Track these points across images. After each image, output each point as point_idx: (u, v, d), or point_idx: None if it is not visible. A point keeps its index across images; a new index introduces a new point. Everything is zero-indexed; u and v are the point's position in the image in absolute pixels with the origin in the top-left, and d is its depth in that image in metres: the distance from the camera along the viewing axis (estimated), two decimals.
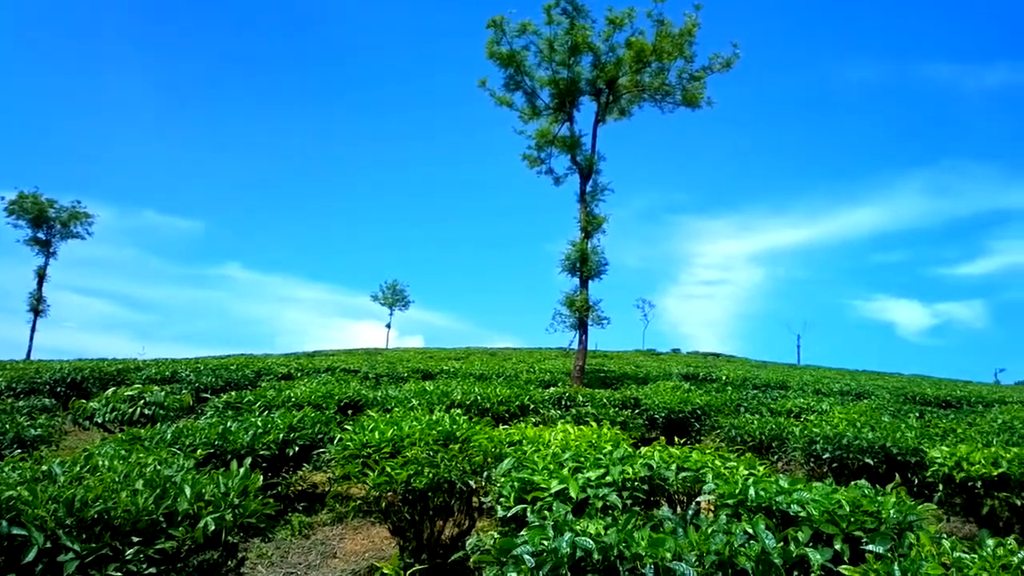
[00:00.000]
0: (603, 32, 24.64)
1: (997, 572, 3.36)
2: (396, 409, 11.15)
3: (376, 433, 7.40)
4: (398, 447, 7.06)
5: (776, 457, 11.35)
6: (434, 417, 8.24)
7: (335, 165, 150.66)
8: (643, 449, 6.82)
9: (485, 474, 6.53)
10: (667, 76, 25.05)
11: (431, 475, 6.28)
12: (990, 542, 3.83)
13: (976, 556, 3.69)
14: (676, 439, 8.96)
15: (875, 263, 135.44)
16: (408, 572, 5.02)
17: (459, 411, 9.50)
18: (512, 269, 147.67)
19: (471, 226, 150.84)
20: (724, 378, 25.51)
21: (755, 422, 12.40)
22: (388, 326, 79.70)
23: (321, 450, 8.74)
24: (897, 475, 8.64)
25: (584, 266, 24.24)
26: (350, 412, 12.37)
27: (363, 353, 43.09)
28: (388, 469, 6.37)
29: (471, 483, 6.46)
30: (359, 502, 6.69)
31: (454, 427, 7.70)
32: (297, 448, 8.87)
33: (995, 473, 8.28)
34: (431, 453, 6.72)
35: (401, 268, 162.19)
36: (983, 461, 8.43)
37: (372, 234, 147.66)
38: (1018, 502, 8.22)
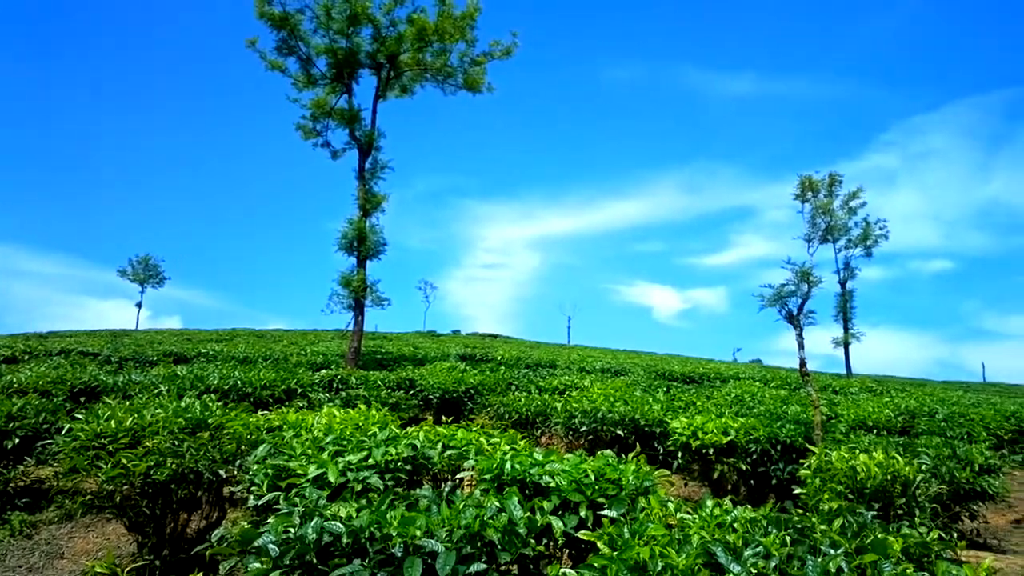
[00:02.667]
0: (384, 5, 24.11)
1: (712, 529, 3.71)
2: (140, 396, 10.18)
3: (113, 422, 6.68)
4: (139, 436, 6.43)
5: (540, 432, 11.91)
6: (183, 403, 7.61)
7: (77, 123, 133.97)
8: (409, 429, 6.79)
9: (238, 462, 6.12)
10: (449, 58, 25.09)
11: (174, 466, 5.77)
12: (709, 503, 4.24)
13: (697, 516, 4.06)
14: (445, 419, 9.05)
15: (636, 252, 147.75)
16: (127, 570, 4.53)
17: (214, 397, 8.86)
18: (287, 246, 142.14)
19: (240, 198, 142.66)
20: (499, 358, 26.43)
21: (522, 399, 12.92)
22: (139, 305, 71.94)
23: (48, 441, 7.76)
24: (639, 444, 9.39)
25: (362, 245, 23.71)
26: (84, 399, 11.10)
27: (108, 335, 38.88)
28: (124, 461, 5.75)
29: (221, 473, 6.02)
30: (90, 498, 5.97)
31: (206, 414, 7.16)
32: (17, 440, 7.92)
33: (724, 441, 9.29)
34: (176, 442, 6.18)
35: (155, 241, 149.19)
36: (715, 431, 9.42)
37: (121, 202, 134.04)
38: (743, 466, 9.31)
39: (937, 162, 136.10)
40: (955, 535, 7.91)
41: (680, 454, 9.63)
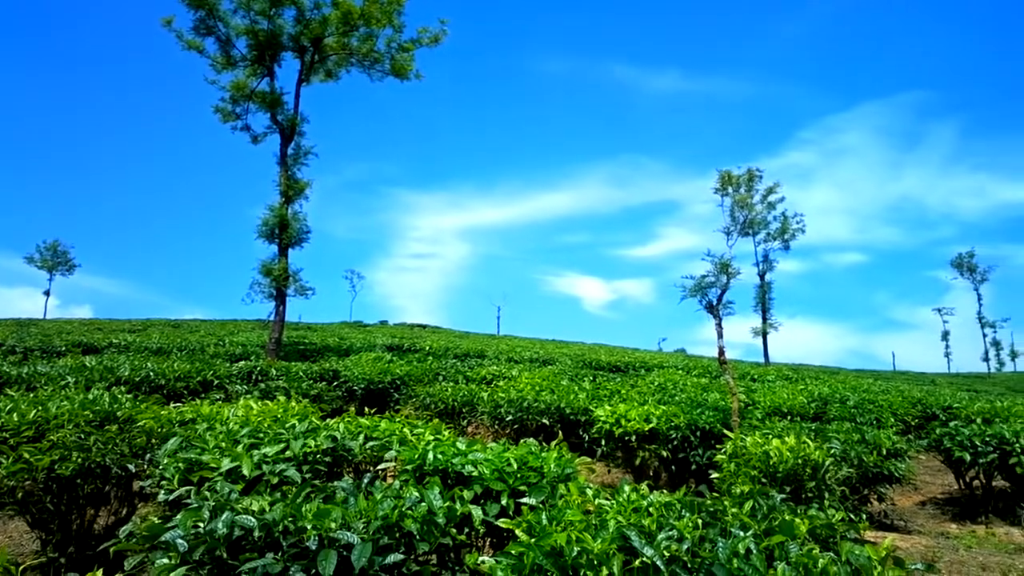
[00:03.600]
0: None
1: (629, 514, 3.75)
2: (46, 387, 9.68)
3: (15, 415, 6.36)
4: (43, 430, 6.13)
5: (467, 422, 11.90)
6: (91, 395, 7.27)
7: None
8: (330, 421, 6.68)
9: (148, 456, 5.88)
10: (376, 43, 24.66)
11: (80, 460, 5.50)
12: (627, 488, 4.30)
13: (614, 502, 4.11)
14: (368, 410, 8.93)
15: (565, 243, 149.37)
16: (22, 568, 4.30)
17: (124, 388, 8.50)
18: (205, 233, 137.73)
19: (157, 183, 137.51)
20: (428, 348, 26.26)
21: (449, 390, 12.87)
22: (47, 293, 68.91)
23: None
24: (563, 433, 9.49)
25: (284, 233, 23.12)
26: None
27: (13, 324, 36.92)
28: (26, 455, 5.45)
29: (131, 467, 5.77)
30: None
31: (115, 406, 6.87)
32: None
33: (647, 428, 9.46)
34: (83, 436, 5.89)
35: (65, 226, 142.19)
36: (638, 418, 9.58)
37: (28, 186, 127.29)
38: (664, 453, 9.51)
39: (852, 159, 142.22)
40: (863, 516, 8.28)
41: (604, 441, 9.78)
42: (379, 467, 5.87)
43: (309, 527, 3.65)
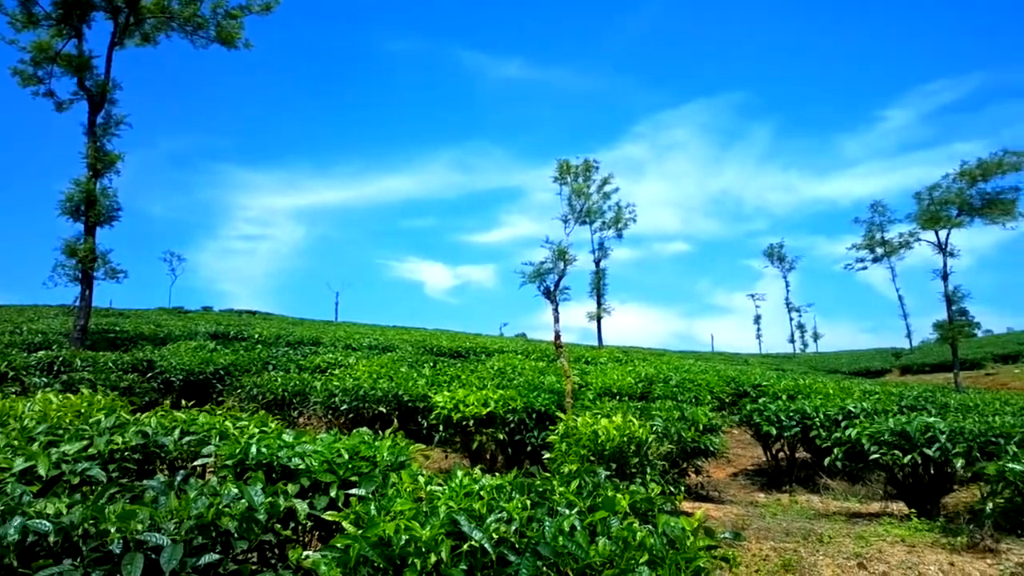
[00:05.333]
0: None
1: (460, 499, 3.72)
2: None
3: None
4: None
5: (298, 413, 11.47)
6: None
7: None
8: (142, 415, 6.17)
9: None
10: (199, 7, 22.99)
11: None
12: (459, 473, 4.27)
13: (447, 487, 4.06)
14: (186, 403, 8.35)
15: (408, 228, 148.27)
16: None
17: None
18: (3, 210, 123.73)
19: None
20: (257, 336, 25.02)
21: (279, 379, 12.35)
22: None
23: None
24: (398, 420, 9.38)
25: (91, 210, 21.12)
26: None
27: None
28: None
29: None
30: None
31: None
32: None
33: (484, 413, 9.52)
34: None
35: None
36: (476, 403, 9.62)
37: None
38: (501, 436, 9.62)
39: (679, 154, 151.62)
40: (682, 489, 8.83)
41: (442, 427, 9.74)
42: (195, 463, 5.49)
43: (113, 530, 3.33)
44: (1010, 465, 5.45)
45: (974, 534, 6.71)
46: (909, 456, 8.20)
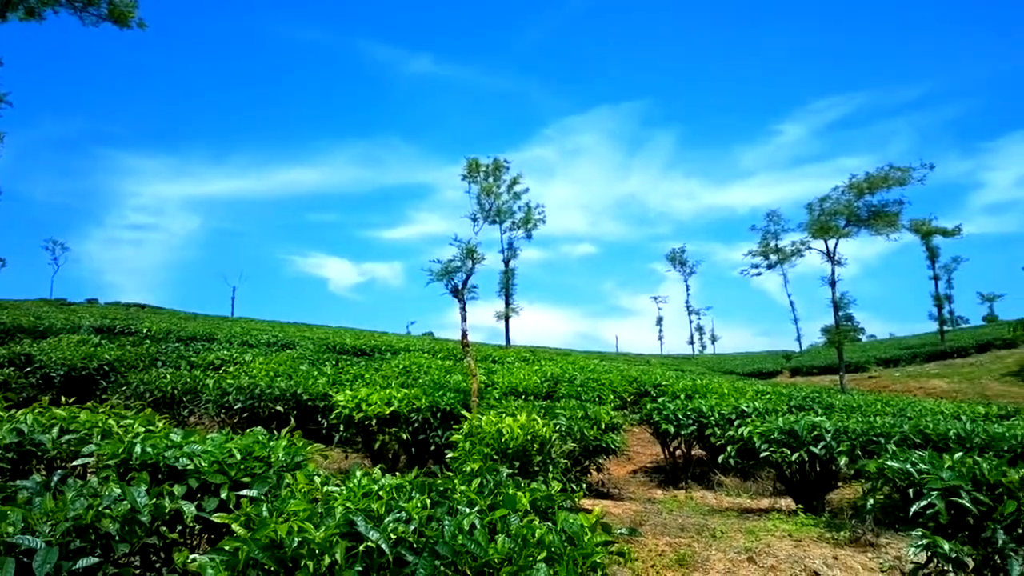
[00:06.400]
0: None
1: (358, 499, 3.62)
2: None
3: None
4: None
5: (188, 411, 10.97)
6: None
7: None
8: (17, 412, 5.76)
9: None
10: None
11: None
12: (358, 473, 4.16)
13: (344, 488, 3.95)
14: (65, 399, 7.84)
15: (312, 222, 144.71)
16: None
17: None
18: None
19: None
20: (146, 331, 23.73)
21: (168, 376, 11.78)
22: None
23: None
24: (294, 420, 9.11)
25: None
26: None
27: None
28: None
29: None
30: None
31: None
32: None
33: (387, 412, 9.38)
34: None
35: None
36: (379, 402, 9.46)
37: None
38: (404, 435, 9.49)
39: (587, 159, 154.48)
40: (584, 486, 8.95)
41: (343, 427, 9.53)
42: (75, 463, 5.14)
43: None
44: (889, 463, 5.76)
45: (856, 529, 7.10)
46: (797, 454, 8.60)
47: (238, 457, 4.69)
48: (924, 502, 4.55)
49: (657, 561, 6.00)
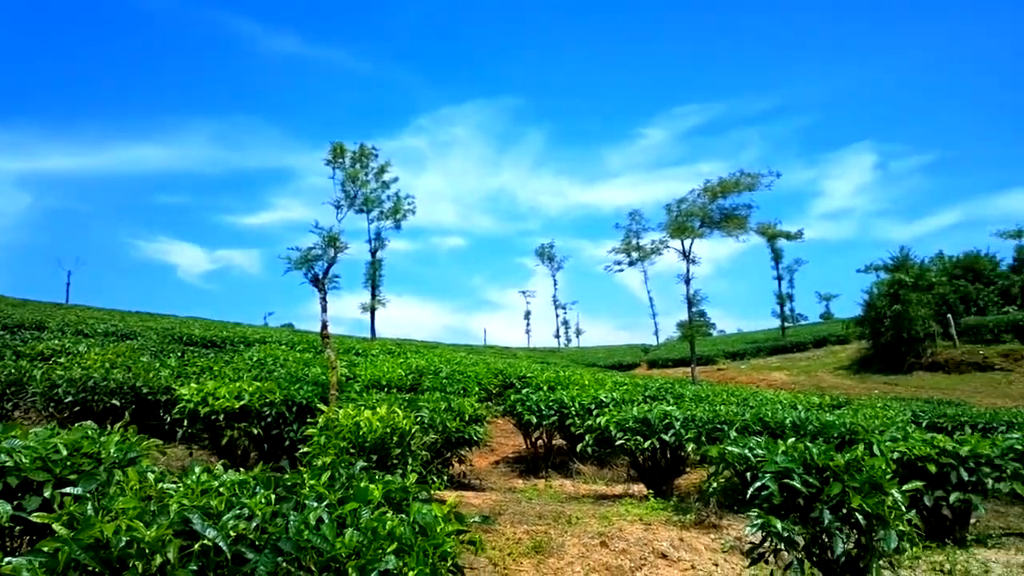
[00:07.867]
0: None
1: (196, 496, 3.40)
2: None
3: None
4: None
5: (12, 404, 10.02)
6: None
7: None
8: None
9: None
10: None
11: None
12: (197, 469, 3.91)
13: (181, 484, 3.70)
14: None
15: (158, 204, 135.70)
16: None
17: None
18: None
19: None
20: None
21: None
22: None
23: None
24: (130, 415, 8.51)
25: None
26: None
27: None
28: None
29: None
30: None
31: None
32: None
33: (237, 406, 8.91)
34: None
35: None
36: (228, 396, 8.97)
37: None
38: (255, 431, 9.06)
39: (459, 151, 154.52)
40: (445, 478, 8.92)
41: (187, 422, 8.96)
42: None
43: None
44: (730, 448, 6.11)
45: (700, 511, 7.49)
46: (649, 441, 8.97)
47: (64, 453, 4.31)
48: (759, 484, 4.82)
49: (514, 549, 6.05)
